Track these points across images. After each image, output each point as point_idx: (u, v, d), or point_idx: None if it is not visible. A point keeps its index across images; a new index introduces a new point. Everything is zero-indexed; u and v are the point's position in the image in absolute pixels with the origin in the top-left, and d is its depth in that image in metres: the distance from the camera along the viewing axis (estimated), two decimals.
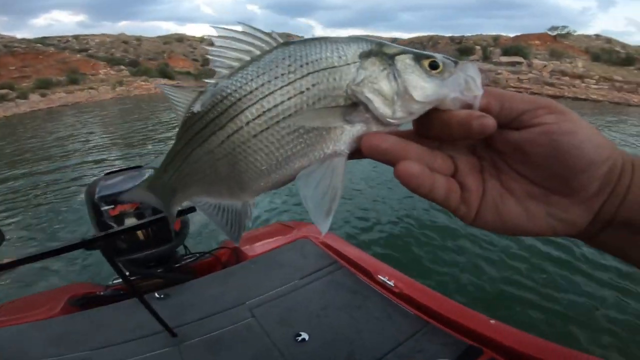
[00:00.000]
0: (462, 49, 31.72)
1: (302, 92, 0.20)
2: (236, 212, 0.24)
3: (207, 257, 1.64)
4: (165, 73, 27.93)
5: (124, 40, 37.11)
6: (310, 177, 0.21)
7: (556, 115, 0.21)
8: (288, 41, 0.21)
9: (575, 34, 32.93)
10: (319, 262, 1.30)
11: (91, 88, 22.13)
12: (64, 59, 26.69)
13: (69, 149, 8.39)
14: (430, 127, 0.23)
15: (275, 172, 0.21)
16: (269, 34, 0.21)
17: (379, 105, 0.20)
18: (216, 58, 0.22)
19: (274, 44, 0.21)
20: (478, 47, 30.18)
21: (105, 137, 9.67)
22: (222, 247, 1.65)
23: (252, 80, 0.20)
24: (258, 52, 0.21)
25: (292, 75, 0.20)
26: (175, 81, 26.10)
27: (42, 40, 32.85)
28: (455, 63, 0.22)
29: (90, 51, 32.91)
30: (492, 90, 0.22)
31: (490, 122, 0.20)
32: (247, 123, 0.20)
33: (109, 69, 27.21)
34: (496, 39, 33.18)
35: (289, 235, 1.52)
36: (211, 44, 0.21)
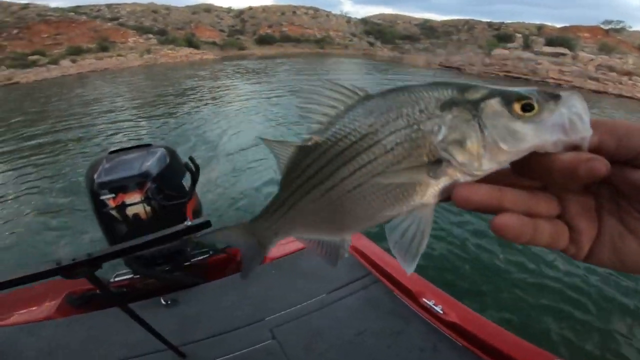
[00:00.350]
0: (500, 35, 29.68)
1: (387, 152, 0.20)
2: (334, 245, 0.25)
3: (220, 253, 1.46)
4: (191, 42, 27.94)
5: (153, 10, 37.21)
6: (398, 227, 0.21)
7: None
8: (368, 95, 0.21)
9: (631, 29, 30.14)
10: (350, 273, 1.12)
11: (120, 55, 22.49)
12: (95, 27, 27.14)
13: (92, 113, 8.55)
14: (529, 171, 0.20)
15: (370, 220, 0.22)
16: (349, 88, 0.22)
17: (464, 161, 0.19)
18: (305, 114, 0.23)
19: (355, 98, 0.22)
20: (519, 35, 28.07)
21: (129, 102, 9.83)
22: None
23: (341, 139, 0.21)
24: (342, 108, 0.22)
25: (379, 134, 0.20)
26: (202, 51, 25.99)
27: (75, 9, 33.51)
28: (556, 97, 0.19)
29: (120, 20, 33.30)
30: (605, 123, 0.19)
31: (601, 166, 0.17)
32: (350, 175, 0.21)
33: (137, 37, 27.45)
34: (540, 28, 30.79)
35: None
36: (299, 96, 0.23)
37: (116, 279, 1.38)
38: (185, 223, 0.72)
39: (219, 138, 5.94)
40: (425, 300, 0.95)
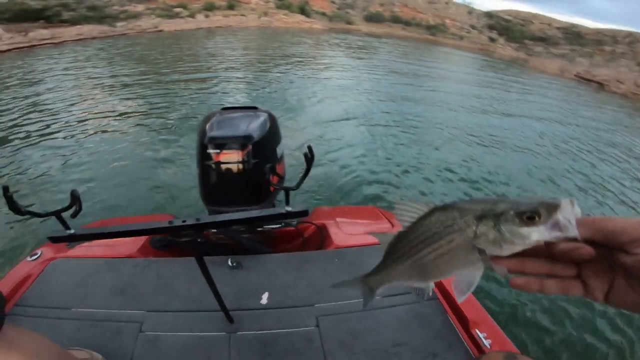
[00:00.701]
0: None
1: (450, 242, 0.31)
2: (420, 288, 0.38)
3: (289, 226, 1.46)
4: (304, 10, 28.83)
5: None
6: (459, 276, 0.33)
7: None
8: (436, 207, 0.33)
9: None
10: None
11: (242, 15, 24.69)
12: None
13: (211, 63, 9.64)
14: (542, 250, 0.29)
15: (444, 275, 0.34)
16: (424, 203, 0.34)
17: (491, 250, 0.30)
18: (400, 217, 0.35)
19: (427, 209, 0.33)
20: None
21: (241, 58, 10.82)
22: (308, 221, 1.44)
23: (424, 233, 0.33)
24: (420, 214, 0.34)
25: (440, 234, 0.32)
26: (312, 20, 26.59)
27: None
28: (556, 207, 0.27)
29: None
30: (598, 222, 0.27)
31: (586, 253, 0.26)
32: (430, 253, 0.33)
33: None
34: None
35: (386, 230, 1.28)
36: (396, 208, 0.35)
37: None
38: (286, 208, 0.76)
39: (310, 104, 6.08)
40: (477, 332, 0.90)
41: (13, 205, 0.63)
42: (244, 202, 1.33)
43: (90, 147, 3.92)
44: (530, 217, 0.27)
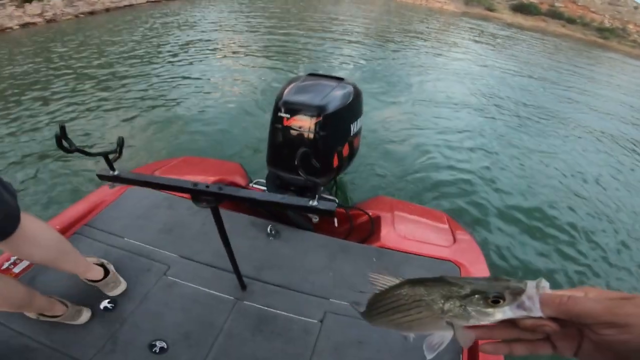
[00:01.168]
0: None
1: (416, 314, 0.34)
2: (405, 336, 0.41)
3: (339, 207, 1.36)
4: None
5: None
6: (430, 336, 0.36)
7: (617, 329, 0.27)
8: (405, 281, 0.36)
9: None
10: None
11: None
12: None
13: (328, 26, 9.81)
14: (512, 322, 0.31)
15: (417, 332, 0.37)
16: (394, 276, 0.37)
17: (458, 323, 0.32)
18: (374, 284, 0.38)
19: (399, 281, 0.37)
20: None
21: (357, 26, 10.51)
22: (361, 209, 1.35)
23: (393, 302, 0.36)
24: (391, 284, 0.38)
25: (408, 305, 0.35)
26: (444, 0, 24.06)
27: None
28: (521, 291, 0.29)
29: None
30: (565, 306, 0.29)
31: (549, 329, 0.29)
32: (402, 317, 0.36)
33: None
34: None
35: (444, 245, 1.16)
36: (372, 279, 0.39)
37: (253, 185, 1.50)
38: (311, 202, 0.72)
39: (412, 80, 5.47)
40: None
41: (63, 144, 0.63)
42: (310, 172, 1.28)
43: (212, 81, 4.53)
44: (494, 300, 0.30)
